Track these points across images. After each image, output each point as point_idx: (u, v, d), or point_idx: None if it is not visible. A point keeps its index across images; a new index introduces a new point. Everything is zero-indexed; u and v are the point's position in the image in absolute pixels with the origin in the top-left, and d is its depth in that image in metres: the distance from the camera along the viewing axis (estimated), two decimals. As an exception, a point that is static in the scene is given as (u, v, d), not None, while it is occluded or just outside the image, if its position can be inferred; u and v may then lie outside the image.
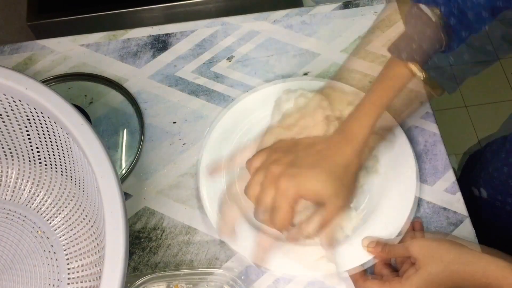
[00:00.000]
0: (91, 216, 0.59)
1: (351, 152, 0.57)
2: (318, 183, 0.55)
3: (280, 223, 0.56)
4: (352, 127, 0.58)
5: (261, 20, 0.80)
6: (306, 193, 0.55)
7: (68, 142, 0.55)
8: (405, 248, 0.55)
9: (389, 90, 0.57)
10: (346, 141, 0.58)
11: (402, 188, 0.63)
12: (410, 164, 0.64)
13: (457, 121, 1.73)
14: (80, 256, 0.60)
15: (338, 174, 0.56)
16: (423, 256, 0.53)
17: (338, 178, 0.56)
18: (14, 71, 0.54)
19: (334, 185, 0.55)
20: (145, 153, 0.70)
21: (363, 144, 0.58)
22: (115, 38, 0.80)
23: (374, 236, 0.60)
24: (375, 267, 0.59)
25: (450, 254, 0.52)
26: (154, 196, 0.66)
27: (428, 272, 0.52)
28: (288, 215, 0.55)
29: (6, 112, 0.58)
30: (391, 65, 0.57)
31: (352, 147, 0.57)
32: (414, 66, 0.55)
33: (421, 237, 0.60)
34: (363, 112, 0.58)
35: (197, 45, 0.78)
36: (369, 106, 0.58)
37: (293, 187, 0.55)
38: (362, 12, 0.79)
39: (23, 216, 0.63)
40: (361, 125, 0.58)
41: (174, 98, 0.74)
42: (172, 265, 0.62)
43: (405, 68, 0.56)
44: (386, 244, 0.58)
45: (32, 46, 0.79)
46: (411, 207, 0.62)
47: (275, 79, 0.74)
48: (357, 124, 0.58)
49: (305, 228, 0.57)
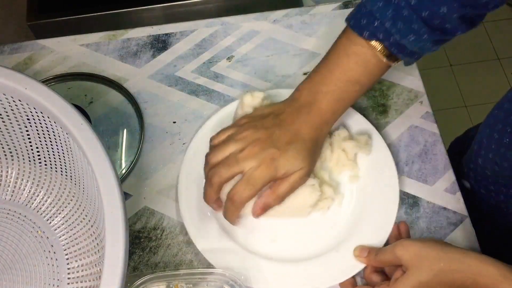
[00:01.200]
0: (91, 216, 0.59)
1: (321, 124, 0.59)
2: (293, 162, 0.57)
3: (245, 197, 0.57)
4: (319, 102, 0.59)
5: (261, 20, 0.80)
6: (284, 173, 0.57)
7: (68, 142, 0.55)
8: (391, 250, 0.55)
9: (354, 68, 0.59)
10: (315, 113, 0.59)
11: (385, 190, 0.63)
12: (387, 163, 0.64)
13: (457, 121, 1.73)
14: (80, 256, 0.60)
15: (308, 147, 0.58)
16: (409, 257, 0.53)
17: (308, 150, 0.58)
18: (14, 71, 0.54)
19: (307, 160, 0.58)
20: (145, 153, 0.70)
21: (332, 120, 0.61)
22: (115, 38, 0.80)
23: (364, 245, 0.59)
24: (364, 273, 0.59)
25: (440, 262, 0.52)
26: (154, 196, 0.66)
27: (418, 280, 0.52)
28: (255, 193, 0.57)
29: (6, 112, 0.58)
30: (351, 40, 0.58)
31: (321, 121, 0.60)
32: (377, 43, 0.57)
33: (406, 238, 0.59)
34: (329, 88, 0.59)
35: (197, 45, 0.78)
36: (334, 83, 0.59)
37: (274, 168, 0.56)
38: (362, 12, 0.79)
39: (23, 216, 0.63)
40: (329, 101, 0.59)
41: (174, 98, 0.74)
42: (172, 265, 0.62)
43: (368, 45, 0.57)
44: (377, 252, 0.57)
45: (32, 46, 0.79)
46: (397, 209, 0.61)
47: (275, 79, 0.74)
48: (325, 101, 0.59)
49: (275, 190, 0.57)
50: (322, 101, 0.60)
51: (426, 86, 0.72)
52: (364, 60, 0.58)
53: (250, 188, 0.56)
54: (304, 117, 0.59)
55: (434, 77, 1.80)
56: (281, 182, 0.57)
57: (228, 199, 0.57)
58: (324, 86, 0.60)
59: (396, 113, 0.71)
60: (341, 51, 0.59)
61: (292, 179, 0.57)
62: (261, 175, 0.56)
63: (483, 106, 1.77)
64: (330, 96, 0.60)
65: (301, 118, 0.59)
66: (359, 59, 0.58)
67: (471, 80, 1.80)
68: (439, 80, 1.80)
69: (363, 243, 0.59)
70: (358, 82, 0.59)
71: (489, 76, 1.82)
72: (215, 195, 0.59)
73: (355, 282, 0.58)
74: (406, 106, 0.71)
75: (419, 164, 0.66)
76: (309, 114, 0.59)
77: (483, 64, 1.82)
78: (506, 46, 1.91)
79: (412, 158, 0.67)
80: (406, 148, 0.68)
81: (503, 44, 1.92)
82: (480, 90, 1.79)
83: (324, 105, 0.60)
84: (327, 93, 0.60)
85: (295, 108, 0.60)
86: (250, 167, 0.56)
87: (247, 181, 0.56)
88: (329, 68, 0.60)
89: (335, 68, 0.59)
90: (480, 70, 1.82)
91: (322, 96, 0.60)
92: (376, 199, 0.62)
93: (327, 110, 0.60)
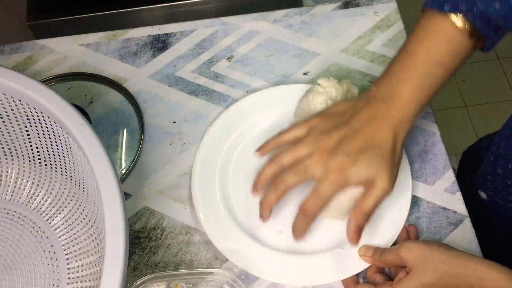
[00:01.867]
0: (91, 216, 0.59)
1: (401, 122, 0.54)
2: (371, 170, 0.52)
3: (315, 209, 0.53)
4: (400, 92, 0.54)
5: (261, 20, 0.80)
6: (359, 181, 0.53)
7: (68, 142, 0.55)
8: (395, 251, 0.54)
9: (436, 47, 0.53)
10: (395, 107, 0.54)
11: (397, 193, 0.62)
12: (403, 168, 0.64)
13: (457, 121, 1.73)
14: (80, 256, 0.60)
15: (388, 153, 0.53)
16: (414, 259, 0.52)
17: (387, 159, 0.53)
18: (14, 71, 0.54)
19: (384, 167, 0.53)
20: (145, 153, 0.70)
21: (415, 113, 0.54)
22: (115, 38, 0.80)
23: (370, 244, 0.59)
24: (367, 272, 0.58)
25: (444, 265, 0.51)
26: (154, 196, 0.66)
27: (422, 282, 0.51)
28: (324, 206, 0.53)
29: (6, 112, 0.58)
30: (430, 20, 0.53)
31: (402, 117, 0.54)
32: (459, 18, 0.51)
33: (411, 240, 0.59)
34: (411, 74, 0.53)
35: (197, 45, 0.78)
36: (416, 67, 0.53)
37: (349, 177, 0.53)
38: (362, 12, 0.79)
39: (23, 216, 0.63)
40: (411, 89, 0.53)
41: (174, 98, 0.74)
42: (172, 265, 0.62)
43: (450, 22, 0.51)
44: (382, 252, 0.57)
45: (32, 46, 0.79)
46: (407, 212, 0.61)
47: (275, 79, 0.74)
48: (407, 89, 0.53)
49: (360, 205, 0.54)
50: (403, 91, 0.54)
51: (426, 86, 0.72)
52: (447, 37, 0.52)
53: (321, 201, 0.53)
54: (381, 115, 0.54)
55: (434, 77, 1.79)
56: (364, 198, 0.54)
57: (301, 213, 0.55)
58: (404, 73, 0.54)
59: (396, 113, 0.71)
60: (420, 32, 0.54)
61: (375, 193, 0.53)
62: (329, 188, 0.53)
63: (483, 106, 1.77)
64: (412, 84, 0.54)
65: (378, 117, 0.54)
66: (441, 37, 0.52)
67: (471, 80, 1.80)
68: (439, 80, 1.80)
69: (370, 242, 0.59)
70: (442, 63, 0.53)
71: (489, 76, 1.82)
72: (277, 201, 0.56)
73: (358, 280, 0.58)
74: (406, 106, 0.71)
75: (419, 164, 0.66)
76: (388, 111, 0.54)
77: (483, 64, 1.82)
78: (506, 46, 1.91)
79: (412, 158, 0.67)
80: (406, 148, 0.68)
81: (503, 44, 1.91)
82: (480, 90, 1.78)
83: (406, 96, 0.54)
84: (408, 80, 0.54)
85: (372, 105, 0.55)
86: (319, 176, 0.53)
87: (317, 194, 0.53)
88: (408, 53, 0.54)
89: (414, 52, 0.54)
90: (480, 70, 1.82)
91: (402, 86, 0.54)
92: (387, 201, 0.62)
93: (408, 101, 0.54)
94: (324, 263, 0.59)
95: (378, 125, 0.54)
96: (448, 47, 0.53)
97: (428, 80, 0.54)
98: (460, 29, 0.51)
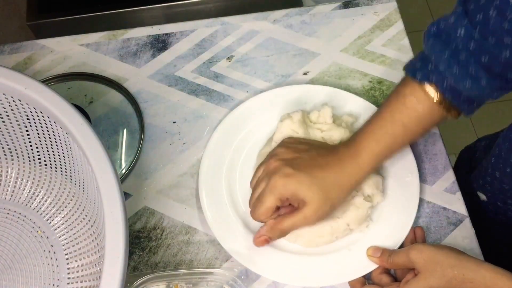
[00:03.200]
0: (91, 216, 0.59)
1: (352, 174, 0.56)
2: (305, 189, 0.55)
3: (258, 216, 0.57)
4: (361, 147, 0.57)
5: (261, 20, 0.80)
6: (291, 194, 0.55)
7: (67, 141, 0.55)
8: (405, 253, 0.54)
9: (402, 109, 0.55)
10: (352, 161, 0.56)
11: (405, 195, 0.63)
12: (411, 169, 0.64)
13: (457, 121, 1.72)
14: (80, 255, 0.60)
15: (329, 189, 0.55)
16: (423, 261, 0.53)
17: (327, 192, 0.55)
18: (14, 71, 0.54)
19: (320, 197, 0.55)
20: (145, 153, 0.70)
21: (369, 170, 0.57)
22: (115, 37, 0.80)
23: (378, 246, 0.59)
24: (372, 273, 0.58)
25: (453, 269, 0.51)
26: (154, 195, 0.66)
27: (429, 284, 0.51)
28: (268, 211, 0.56)
29: (6, 112, 0.58)
30: (405, 84, 0.55)
31: (356, 169, 0.56)
32: (430, 87, 0.53)
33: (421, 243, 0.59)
34: (374, 128, 0.57)
35: (197, 45, 0.78)
36: (380, 123, 0.56)
37: (281, 186, 0.55)
38: (362, 12, 0.79)
39: (23, 215, 0.63)
40: (371, 148, 0.56)
41: (174, 97, 0.74)
42: (172, 264, 0.62)
43: (420, 89, 0.54)
44: (391, 254, 0.57)
45: (32, 46, 0.79)
46: (415, 214, 0.61)
47: (275, 79, 0.74)
48: (368, 147, 0.56)
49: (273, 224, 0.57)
50: (361, 142, 0.57)
51: (426, 86, 0.72)
52: (414, 102, 0.54)
53: (260, 205, 0.57)
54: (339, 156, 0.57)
55: (434, 77, 1.79)
56: (285, 218, 0.56)
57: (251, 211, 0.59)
58: (368, 126, 0.57)
59: (396, 113, 0.71)
60: (393, 94, 0.57)
61: (297, 217, 0.56)
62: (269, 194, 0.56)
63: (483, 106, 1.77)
64: (371, 136, 0.57)
65: (336, 157, 0.57)
66: (409, 101, 0.54)
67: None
68: (439, 80, 1.80)
69: (377, 244, 0.59)
70: (404, 125, 0.55)
71: (489, 76, 1.81)
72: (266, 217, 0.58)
73: (365, 281, 0.58)
74: (406, 106, 0.71)
75: (419, 164, 0.66)
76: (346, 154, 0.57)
77: (483, 64, 1.82)
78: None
79: (412, 158, 0.67)
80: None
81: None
82: (480, 90, 1.78)
83: (363, 146, 0.57)
84: (369, 132, 0.57)
85: (331, 150, 0.59)
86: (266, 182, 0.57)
87: (258, 200, 0.57)
88: (379, 111, 0.58)
89: (382, 110, 0.57)
90: (480, 70, 1.82)
91: (363, 137, 0.57)
92: (395, 203, 0.62)
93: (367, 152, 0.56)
94: (331, 264, 0.59)
95: (333, 162, 0.57)
96: (413, 112, 0.55)
97: (385, 137, 0.56)
98: (431, 98, 0.53)
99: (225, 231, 0.61)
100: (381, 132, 0.56)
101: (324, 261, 0.59)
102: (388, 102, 0.57)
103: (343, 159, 0.57)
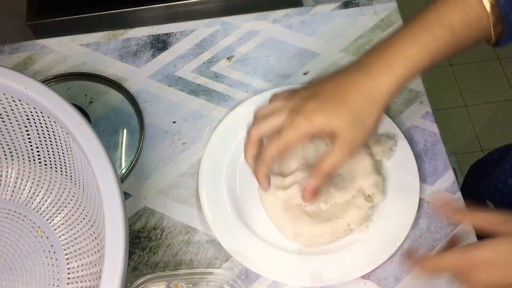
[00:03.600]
0: (91, 216, 0.59)
1: (385, 85, 0.48)
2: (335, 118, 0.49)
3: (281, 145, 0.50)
4: (398, 51, 0.49)
5: (261, 20, 0.80)
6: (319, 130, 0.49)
7: (67, 141, 0.55)
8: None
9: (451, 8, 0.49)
10: (385, 68, 0.49)
11: (405, 195, 0.63)
12: (411, 169, 0.64)
13: (457, 121, 1.73)
14: (80, 255, 0.60)
15: (359, 111, 0.49)
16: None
17: (357, 115, 0.49)
18: (14, 71, 0.54)
19: (350, 121, 0.48)
20: (145, 153, 0.70)
21: (404, 81, 0.49)
22: (115, 37, 0.80)
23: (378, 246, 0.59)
24: None
25: None
26: (154, 195, 0.66)
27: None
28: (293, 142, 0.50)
29: (6, 112, 0.58)
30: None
31: (391, 79, 0.48)
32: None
33: None
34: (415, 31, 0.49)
35: (197, 45, 0.78)
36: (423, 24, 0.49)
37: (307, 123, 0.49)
38: (362, 11, 0.79)
39: (23, 215, 0.63)
40: (412, 53, 0.48)
41: (174, 97, 0.74)
42: (172, 264, 0.62)
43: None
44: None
45: (32, 46, 0.79)
46: (414, 216, 0.61)
47: (275, 79, 0.74)
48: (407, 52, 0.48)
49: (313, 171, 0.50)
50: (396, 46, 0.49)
51: (426, 86, 0.72)
52: (466, 3, 0.49)
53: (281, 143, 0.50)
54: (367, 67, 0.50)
55: (434, 77, 1.79)
56: (324, 158, 0.50)
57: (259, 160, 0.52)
58: (404, 30, 0.50)
59: (396, 113, 0.71)
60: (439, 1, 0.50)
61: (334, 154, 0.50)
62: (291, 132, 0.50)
63: (483, 106, 1.77)
64: (411, 39, 0.49)
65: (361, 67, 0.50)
66: (460, 2, 0.49)
67: (471, 80, 1.80)
68: (439, 80, 1.80)
69: (377, 244, 0.60)
70: (451, 28, 0.48)
71: (489, 76, 1.81)
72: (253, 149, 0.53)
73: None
74: (406, 106, 0.71)
75: (419, 164, 0.66)
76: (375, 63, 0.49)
77: (483, 64, 1.82)
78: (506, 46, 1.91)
79: (412, 158, 0.67)
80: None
81: (503, 44, 1.91)
82: (480, 90, 1.78)
83: (401, 50, 0.49)
84: (408, 36, 0.49)
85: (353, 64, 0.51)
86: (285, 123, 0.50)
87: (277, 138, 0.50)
88: (418, 15, 0.50)
89: (424, 13, 0.50)
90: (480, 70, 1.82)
91: (399, 41, 0.49)
92: (395, 203, 0.62)
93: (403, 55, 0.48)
94: (331, 264, 0.59)
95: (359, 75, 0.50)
96: (462, 14, 0.49)
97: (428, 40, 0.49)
98: (482, 3, 0.48)
99: (225, 231, 0.61)
100: (423, 35, 0.49)
101: (324, 261, 0.59)
102: (433, 5, 0.50)
103: (373, 69, 0.49)
